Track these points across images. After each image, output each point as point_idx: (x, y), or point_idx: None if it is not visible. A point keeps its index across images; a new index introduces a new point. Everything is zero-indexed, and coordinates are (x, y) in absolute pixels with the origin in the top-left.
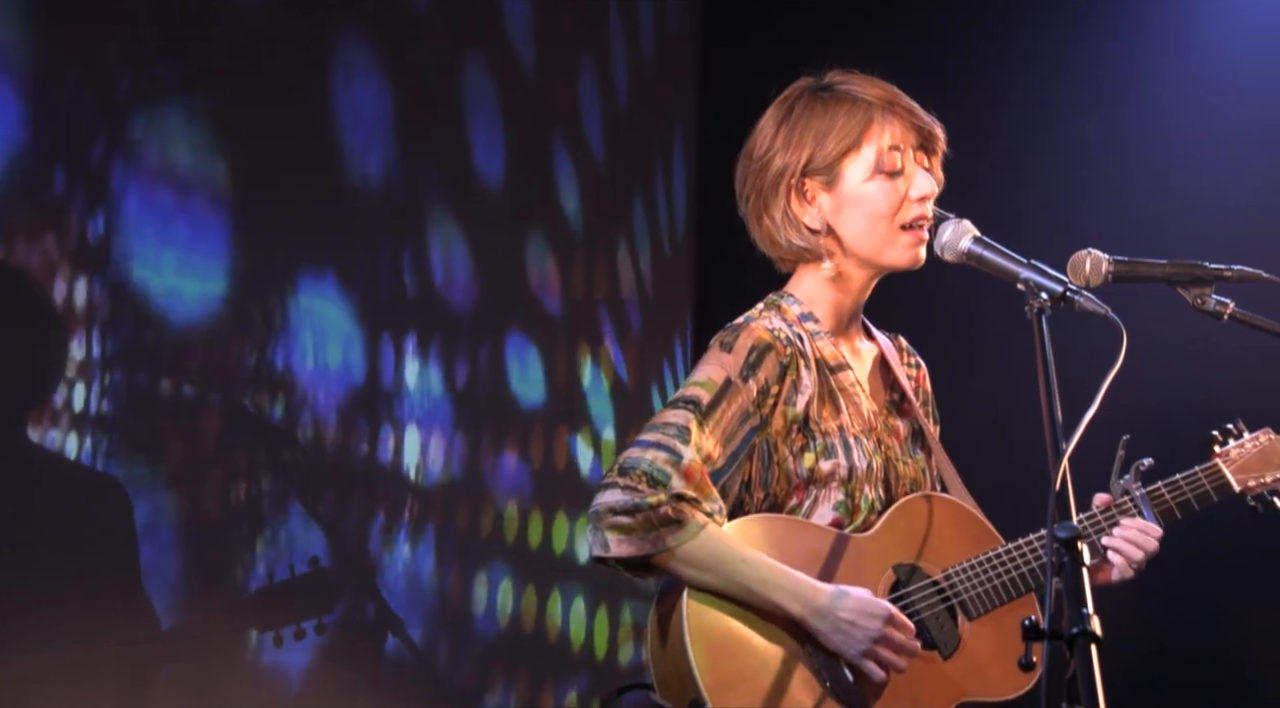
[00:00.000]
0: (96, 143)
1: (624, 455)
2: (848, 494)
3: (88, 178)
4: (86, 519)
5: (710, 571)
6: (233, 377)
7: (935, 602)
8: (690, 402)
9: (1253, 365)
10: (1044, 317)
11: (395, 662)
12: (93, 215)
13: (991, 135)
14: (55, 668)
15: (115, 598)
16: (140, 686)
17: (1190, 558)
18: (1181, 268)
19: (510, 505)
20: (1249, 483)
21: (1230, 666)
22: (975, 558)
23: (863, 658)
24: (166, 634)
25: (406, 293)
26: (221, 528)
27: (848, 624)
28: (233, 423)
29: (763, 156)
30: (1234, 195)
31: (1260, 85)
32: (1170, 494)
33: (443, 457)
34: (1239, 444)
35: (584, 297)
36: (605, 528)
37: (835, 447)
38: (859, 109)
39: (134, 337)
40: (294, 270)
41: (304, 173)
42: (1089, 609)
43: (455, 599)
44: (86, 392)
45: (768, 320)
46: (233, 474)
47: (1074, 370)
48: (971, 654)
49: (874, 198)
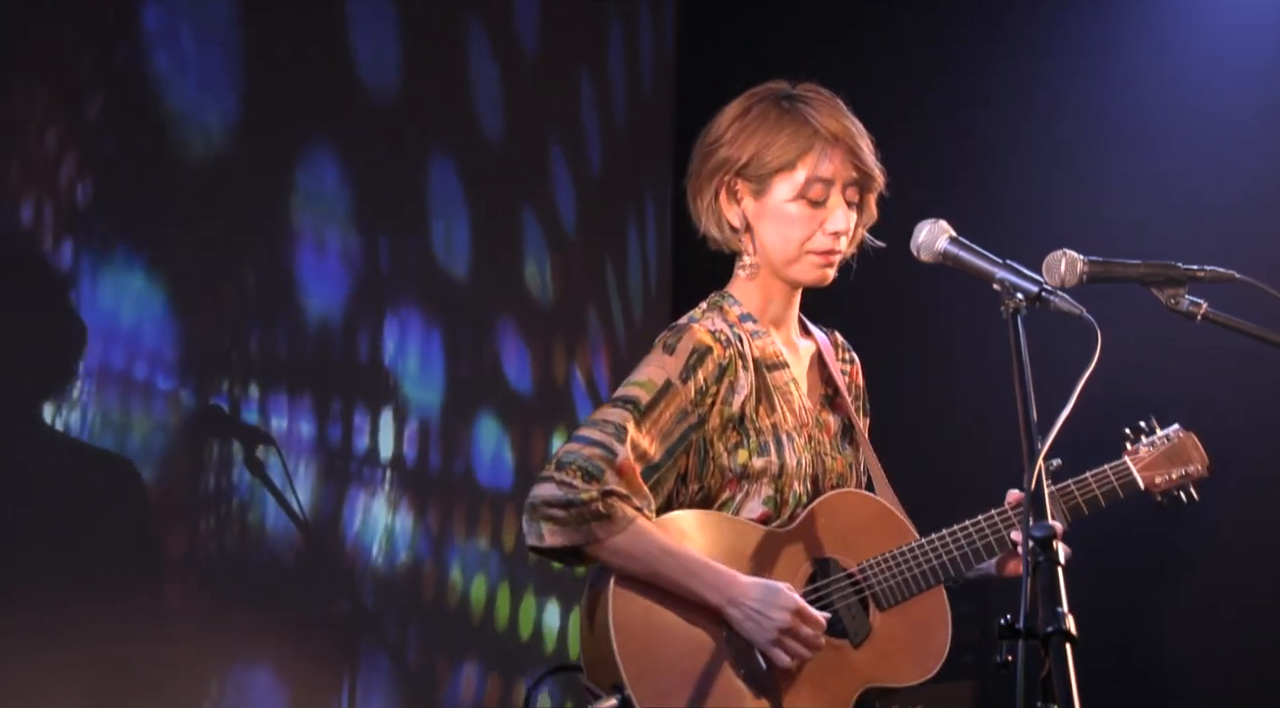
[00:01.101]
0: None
1: (562, 450)
2: (777, 490)
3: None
4: (80, 517)
5: (636, 561)
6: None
7: (849, 593)
8: (630, 401)
9: (1226, 366)
10: (1019, 317)
11: (374, 658)
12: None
13: (968, 136)
14: (35, 669)
15: (100, 599)
16: (124, 687)
17: (1157, 557)
18: (1155, 268)
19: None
20: (1155, 481)
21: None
22: (889, 552)
23: (771, 646)
24: (148, 635)
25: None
26: (198, 522)
27: (757, 614)
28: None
29: (712, 143)
30: (1212, 197)
31: (1238, 86)
32: (1079, 491)
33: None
34: (1149, 442)
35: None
36: (540, 519)
37: (769, 444)
38: (805, 133)
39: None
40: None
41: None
42: (1064, 608)
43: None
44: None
45: (710, 321)
46: (216, 467)
47: (1050, 371)
48: (880, 643)
49: (792, 219)
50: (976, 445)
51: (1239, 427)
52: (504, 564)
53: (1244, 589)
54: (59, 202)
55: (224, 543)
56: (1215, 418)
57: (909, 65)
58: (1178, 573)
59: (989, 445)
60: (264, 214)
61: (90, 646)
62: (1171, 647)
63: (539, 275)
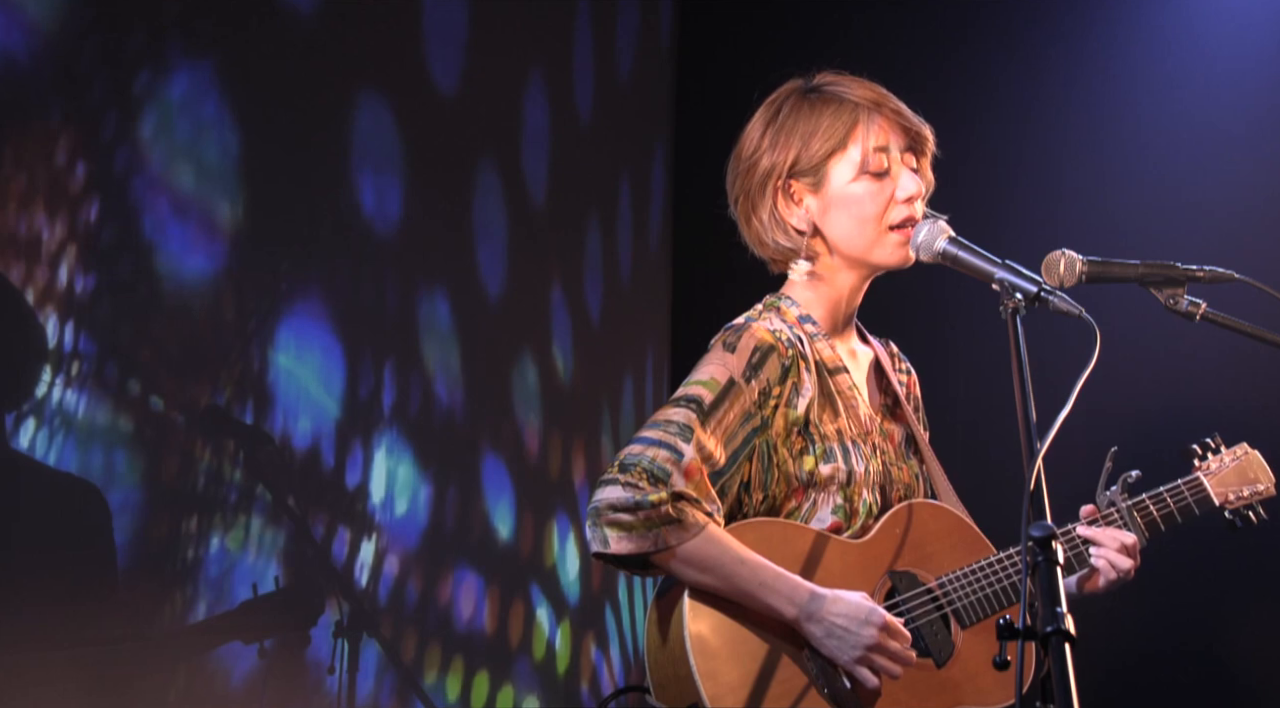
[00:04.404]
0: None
1: (625, 452)
2: (846, 498)
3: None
4: (63, 518)
5: (709, 571)
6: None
7: (930, 609)
8: (693, 400)
9: (1225, 365)
10: (1019, 317)
11: (370, 665)
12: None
13: (966, 136)
14: (29, 668)
15: (88, 598)
16: (113, 687)
17: (1170, 564)
18: (1154, 268)
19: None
20: (1228, 497)
21: (1209, 668)
22: (968, 566)
23: (857, 664)
24: (135, 636)
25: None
26: (194, 527)
27: (841, 630)
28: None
29: (750, 157)
30: (1211, 195)
31: (1236, 86)
32: (1155, 506)
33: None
34: (1218, 458)
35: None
36: (605, 525)
37: (834, 451)
38: (845, 110)
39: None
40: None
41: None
42: (1063, 608)
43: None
44: (64, 388)
45: (769, 321)
46: (210, 478)
47: (1049, 370)
48: (965, 663)
49: (860, 199)
50: (975, 447)
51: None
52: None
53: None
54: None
55: (205, 545)
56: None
57: (905, 68)
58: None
59: (986, 446)
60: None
61: (72, 646)
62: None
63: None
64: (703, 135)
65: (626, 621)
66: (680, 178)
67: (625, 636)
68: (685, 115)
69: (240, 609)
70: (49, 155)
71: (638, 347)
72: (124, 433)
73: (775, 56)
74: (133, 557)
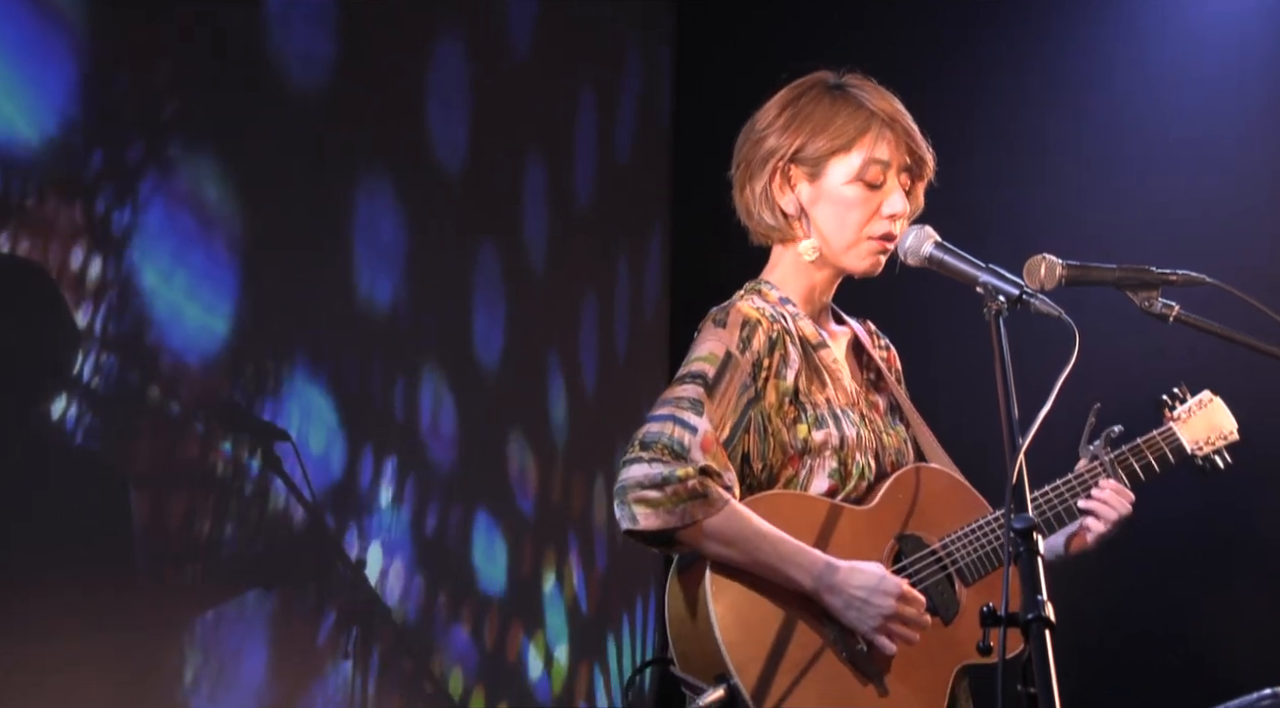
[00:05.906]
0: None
1: (643, 430)
2: (841, 462)
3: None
4: (83, 509)
5: (733, 545)
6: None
7: (935, 570)
8: (698, 375)
9: (1197, 364)
10: (1001, 318)
11: (380, 654)
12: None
13: (957, 139)
14: (48, 658)
15: (108, 589)
16: (129, 676)
17: (1145, 546)
18: (1130, 272)
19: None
20: (1199, 444)
21: (1185, 651)
22: (967, 526)
23: (876, 633)
24: (152, 624)
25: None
26: (209, 514)
27: (860, 601)
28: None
29: (761, 131)
30: (1185, 203)
31: (1223, 85)
32: (1135, 458)
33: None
34: (1185, 408)
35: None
36: (632, 502)
37: (825, 417)
38: (860, 115)
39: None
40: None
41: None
42: (1044, 596)
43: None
44: (86, 382)
45: (751, 301)
46: (218, 478)
47: (1030, 369)
48: (971, 619)
49: (849, 202)
50: (960, 444)
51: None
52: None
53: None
54: None
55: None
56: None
57: (891, 77)
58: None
59: (970, 444)
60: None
61: (89, 634)
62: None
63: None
64: (701, 218)
65: (626, 641)
66: (678, 248)
67: (624, 651)
68: (681, 192)
69: (255, 598)
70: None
71: (633, 411)
72: (140, 424)
73: None
74: (150, 545)
